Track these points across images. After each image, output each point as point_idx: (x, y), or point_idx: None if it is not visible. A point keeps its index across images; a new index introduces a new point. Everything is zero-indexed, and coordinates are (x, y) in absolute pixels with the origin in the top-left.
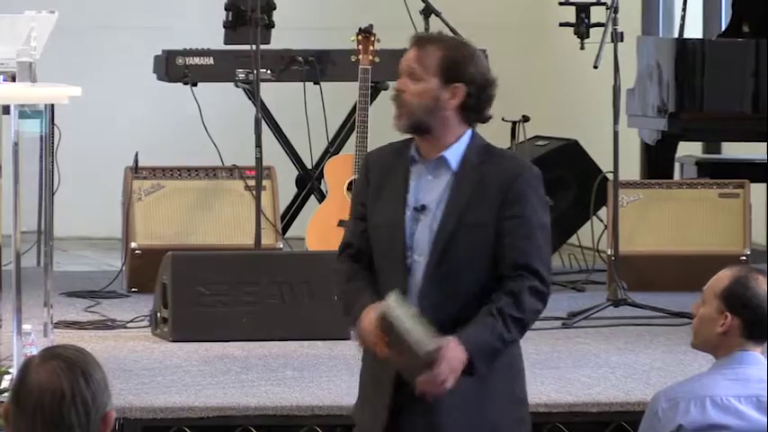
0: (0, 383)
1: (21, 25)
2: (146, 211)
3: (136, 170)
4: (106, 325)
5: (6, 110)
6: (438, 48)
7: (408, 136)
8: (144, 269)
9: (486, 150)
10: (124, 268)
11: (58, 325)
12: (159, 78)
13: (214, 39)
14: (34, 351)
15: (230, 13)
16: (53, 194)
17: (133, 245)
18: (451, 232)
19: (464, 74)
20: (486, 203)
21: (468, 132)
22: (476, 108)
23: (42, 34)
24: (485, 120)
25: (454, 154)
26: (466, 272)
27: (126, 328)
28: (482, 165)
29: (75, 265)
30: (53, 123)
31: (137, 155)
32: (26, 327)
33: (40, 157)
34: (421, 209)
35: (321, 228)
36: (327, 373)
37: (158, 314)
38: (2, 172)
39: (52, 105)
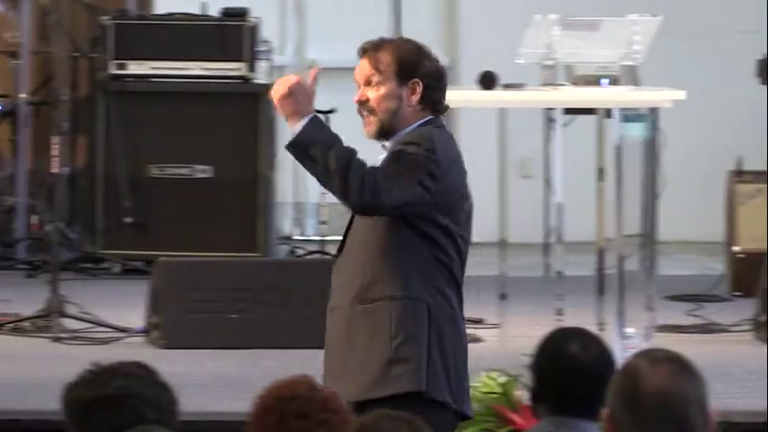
0: None
1: (624, 29)
2: (749, 215)
3: (739, 174)
4: (708, 329)
5: (609, 113)
6: (388, 51)
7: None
8: (747, 273)
9: (415, 132)
10: (727, 272)
11: (661, 329)
12: (762, 82)
13: None
14: None
15: None
16: (657, 198)
17: (736, 248)
18: None
19: (418, 69)
20: None
21: (420, 121)
22: (435, 99)
23: (646, 38)
24: (444, 109)
25: (394, 141)
26: (368, 233)
27: (728, 332)
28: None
29: (677, 268)
30: (658, 127)
31: (740, 159)
32: (628, 330)
33: (644, 160)
34: None
35: None
36: None
37: (761, 318)
38: (606, 175)
39: (657, 109)
